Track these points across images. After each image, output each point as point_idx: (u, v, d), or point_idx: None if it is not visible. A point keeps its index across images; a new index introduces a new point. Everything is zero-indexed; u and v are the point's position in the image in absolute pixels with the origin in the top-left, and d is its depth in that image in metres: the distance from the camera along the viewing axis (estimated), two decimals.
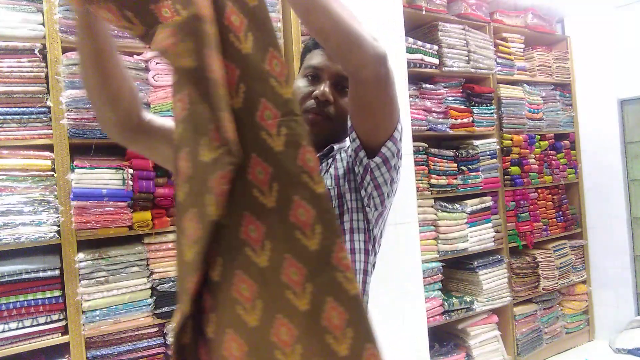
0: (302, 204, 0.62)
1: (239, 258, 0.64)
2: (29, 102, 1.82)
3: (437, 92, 2.88)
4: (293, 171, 0.63)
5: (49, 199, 1.81)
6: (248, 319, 0.62)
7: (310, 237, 0.62)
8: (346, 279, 0.61)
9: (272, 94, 0.63)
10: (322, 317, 0.61)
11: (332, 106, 0.95)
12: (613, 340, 3.46)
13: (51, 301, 1.80)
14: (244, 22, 0.65)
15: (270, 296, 0.62)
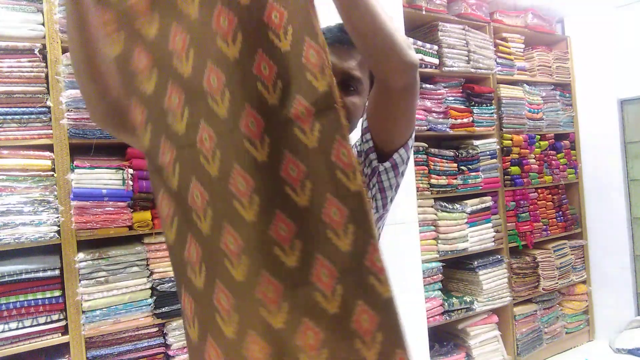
0: (335, 202, 0.60)
1: (267, 258, 0.62)
2: (29, 102, 1.82)
3: (437, 92, 2.88)
4: (326, 168, 0.61)
5: (49, 199, 1.81)
6: (273, 321, 0.60)
7: (342, 238, 0.60)
8: (379, 282, 0.59)
9: (307, 89, 0.62)
10: (352, 321, 0.59)
11: None
12: (613, 340, 3.46)
13: (51, 301, 1.80)
14: (284, 15, 0.64)
15: (298, 298, 0.60)
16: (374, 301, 0.58)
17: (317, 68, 0.62)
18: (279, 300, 0.61)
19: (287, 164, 0.62)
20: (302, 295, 0.61)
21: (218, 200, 0.64)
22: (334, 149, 0.60)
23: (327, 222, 0.60)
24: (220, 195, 0.63)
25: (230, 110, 0.63)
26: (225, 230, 0.63)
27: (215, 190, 0.64)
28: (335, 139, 0.61)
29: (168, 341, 2.00)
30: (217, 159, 0.64)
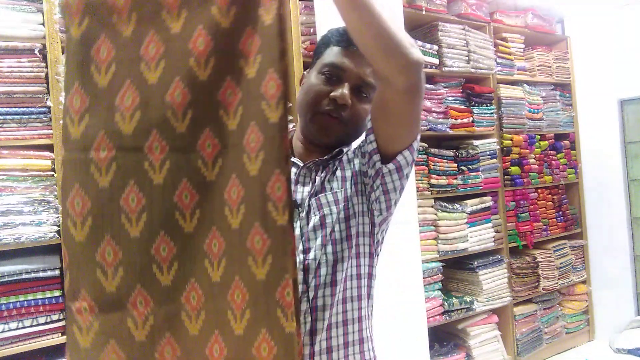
0: (260, 232, 0.63)
1: (196, 267, 0.67)
2: (29, 102, 1.82)
3: (437, 92, 2.88)
4: (259, 195, 0.64)
5: (49, 199, 1.81)
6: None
7: (260, 265, 0.63)
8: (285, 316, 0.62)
9: (261, 118, 0.64)
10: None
11: (348, 110, 0.90)
12: (613, 340, 3.46)
13: (51, 301, 1.80)
14: (257, 44, 0.65)
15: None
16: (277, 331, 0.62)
17: (273, 100, 0.64)
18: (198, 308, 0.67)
19: (232, 187, 0.65)
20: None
21: (156, 207, 0.67)
22: (271, 180, 0.63)
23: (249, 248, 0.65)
24: (161, 204, 0.67)
25: (189, 129, 0.67)
26: (159, 237, 0.67)
27: (156, 198, 0.67)
28: (273, 172, 0.63)
29: None
30: (165, 169, 0.67)
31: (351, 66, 0.89)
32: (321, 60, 0.94)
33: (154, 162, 0.67)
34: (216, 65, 0.66)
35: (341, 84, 0.89)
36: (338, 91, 0.88)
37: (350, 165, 0.97)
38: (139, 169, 0.68)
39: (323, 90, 0.90)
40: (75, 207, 0.69)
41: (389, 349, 2.08)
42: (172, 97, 0.67)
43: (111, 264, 0.67)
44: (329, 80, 0.91)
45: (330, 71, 0.91)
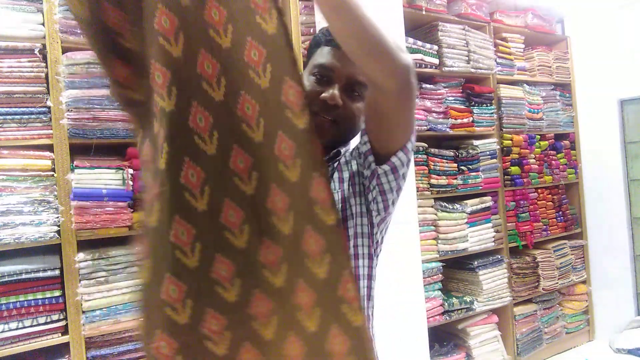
0: (313, 235, 0.66)
1: (256, 278, 0.68)
2: (29, 102, 1.82)
3: (437, 92, 2.88)
4: (305, 200, 0.66)
5: (49, 199, 1.81)
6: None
7: (319, 265, 0.65)
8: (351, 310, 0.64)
9: (288, 126, 0.66)
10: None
11: (341, 110, 0.90)
12: (613, 340, 3.46)
13: (51, 301, 1.80)
14: (263, 53, 0.67)
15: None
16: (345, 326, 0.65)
17: (298, 108, 0.67)
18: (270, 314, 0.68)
19: (273, 196, 0.68)
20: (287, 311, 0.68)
21: (206, 233, 0.69)
22: (313, 184, 0.67)
23: (305, 251, 0.67)
24: (208, 227, 0.69)
25: (219, 150, 0.70)
26: (215, 259, 0.69)
27: (203, 223, 0.69)
28: (312, 175, 0.67)
29: None
30: (206, 194, 0.69)
31: (340, 66, 0.89)
32: (312, 61, 0.95)
33: (195, 191, 0.68)
34: (228, 83, 0.69)
35: (331, 85, 0.90)
36: (328, 92, 0.88)
37: (348, 167, 0.97)
38: (182, 201, 0.69)
39: (314, 91, 0.90)
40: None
41: (389, 349, 2.08)
42: (195, 123, 0.69)
43: (178, 299, 0.69)
44: (319, 82, 0.91)
45: (320, 72, 0.91)
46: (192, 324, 0.68)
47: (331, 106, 0.89)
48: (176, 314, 0.68)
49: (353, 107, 0.91)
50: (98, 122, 1.88)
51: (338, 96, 0.88)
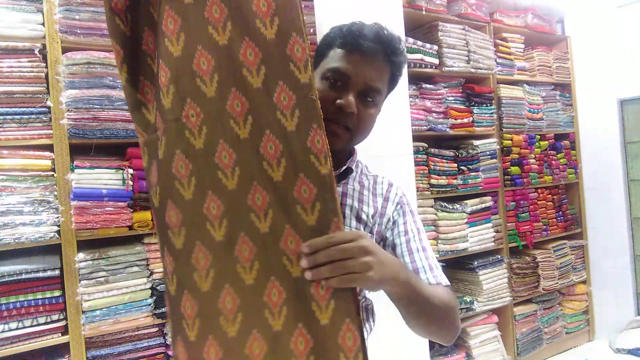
0: (306, 182, 0.69)
1: (243, 222, 0.70)
2: (29, 102, 1.82)
3: (437, 92, 2.88)
4: (302, 151, 0.70)
5: (49, 199, 1.81)
6: (245, 277, 0.69)
7: (309, 213, 0.70)
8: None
9: (290, 78, 0.69)
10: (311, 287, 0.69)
11: (354, 117, 0.88)
12: (613, 340, 3.46)
13: (51, 301, 1.80)
14: (271, 6, 0.70)
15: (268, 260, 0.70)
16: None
17: (301, 62, 0.70)
18: (252, 259, 0.70)
19: (267, 142, 0.70)
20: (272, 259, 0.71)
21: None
22: (310, 135, 0.70)
23: (297, 197, 0.70)
24: (205, 166, 0.70)
25: (218, 91, 0.70)
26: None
27: (199, 162, 0.70)
28: (312, 126, 0.70)
29: (168, 341, 2.00)
30: (203, 133, 0.70)
31: (356, 72, 0.87)
32: (325, 63, 0.92)
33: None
34: (233, 29, 0.71)
35: (346, 91, 0.87)
36: (343, 99, 0.86)
37: (376, 201, 0.98)
38: (181, 137, 0.70)
39: (328, 97, 0.87)
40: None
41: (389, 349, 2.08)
42: (198, 66, 0.70)
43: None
44: (333, 86, 0.88)
45: (334, 77, 0.88)
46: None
47: (346, 113, 0.86)
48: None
49: (366, 114, 0.89)
50: (98, 122, 1.88)
51: (354, 103, 0.86)
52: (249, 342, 0.67)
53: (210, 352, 0.67)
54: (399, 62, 0.92)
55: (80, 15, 1.88)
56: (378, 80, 0.89)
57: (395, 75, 0.95)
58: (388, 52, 0.89)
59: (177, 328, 0.69)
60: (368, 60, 0.87)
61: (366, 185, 0.99)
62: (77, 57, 1.85)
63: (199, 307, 0.68)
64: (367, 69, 0.88)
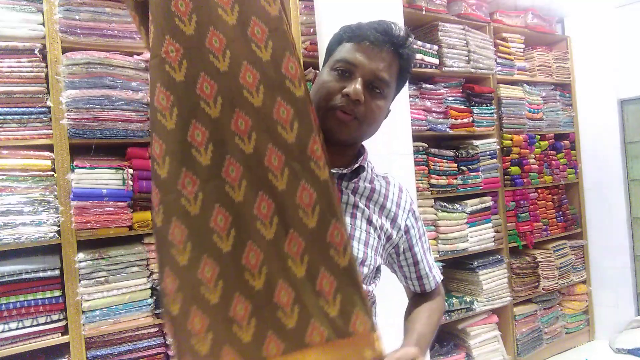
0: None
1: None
2: (29, 102, 1.82)
3: (437, 92, 2.88)
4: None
5: (49, 199, 1.81)
6: (255, 284, 0.71)
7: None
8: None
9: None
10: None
11: (362, 106, 0.87)
12: (613, 340, 3.46)
13: (51, 301, 1.80)
14: (265, 31, 0.74)
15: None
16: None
17: (296, 78, 0.74)
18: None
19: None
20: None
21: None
22: (311, 142, 0.73)
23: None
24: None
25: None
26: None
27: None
28: (311, 136, 0.73)
29: (168, 341, 2.00)
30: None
31: (364, 61, 0.87)
32: (334, 56, 0.92)
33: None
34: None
35: (354, 80, 0.87)
36: (351, 87, 0.85)
37: (389, 204, 1.00)
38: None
39: (335, 86, 0.87)
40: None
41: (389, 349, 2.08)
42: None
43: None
44: (341, 76, 0.88)
45: (342, 67, 0.88)
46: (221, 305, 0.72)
47: (353, 101, 0.85)
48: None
49: (373, 105, 0.88)
50: (98, 122, 1.88)
51: (361, 91, 0.85)
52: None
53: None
54: (407, 56, 0.92)
55: (80, 15, 1.88)
56: (386, 71, 0.89)
57: (404, 69, 0.94)
58: (396, 44, 0.89)
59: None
60: (376, 50, 0.87)
61: (377, 188, 0.99)
62: (77, 57, 1.85)
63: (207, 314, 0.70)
64: (375, 59, 0.87)
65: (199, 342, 0.68)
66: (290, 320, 0.69)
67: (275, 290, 0.70)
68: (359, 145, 0.99)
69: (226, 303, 0.69)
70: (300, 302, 0.69)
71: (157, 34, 0.74)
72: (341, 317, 0.69)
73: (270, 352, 0.68)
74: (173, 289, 0.69)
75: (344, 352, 0.69)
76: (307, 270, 0.70)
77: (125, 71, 1.94)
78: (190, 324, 0.68)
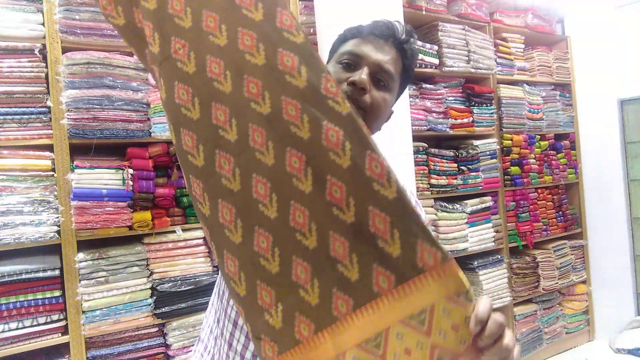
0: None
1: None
2: (29, 102, 1.82)
3: (437, 92, 2.88)
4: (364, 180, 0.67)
5: (49, 199, 1.81)
6: (308, 242, 0.68)
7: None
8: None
9: (332, 114, 0.68)
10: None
11: (368, 96, 0.88)
12: (613, 340, 3.46)
13: (51, 301, 1.80)
14: (294, 60, 0.70)
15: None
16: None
17: (338, 96, 0.69)
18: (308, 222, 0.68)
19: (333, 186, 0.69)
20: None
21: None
22: (367, 162, 0.66)
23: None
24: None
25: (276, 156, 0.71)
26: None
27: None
28: (365, 156, 0.67)
29: (168, 341, 2.00)
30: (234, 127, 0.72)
31: (370, 52, 0.89)
32: (338, 52, 0.94)
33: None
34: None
35: (360, 69, 0.89)
36: (356, 75, 0.87)
37: None
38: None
39: (341, 77, 0.89)
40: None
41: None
42: (249, 91, 0.72)
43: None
44: (347, 68, 0.90)
45: (348, 59, 0.91)
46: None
47: (359, 90, 0.87)
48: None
49: (378, 96, 0.89)
50: (98, 122, 1.88)
51: (367, 80, 0.87)
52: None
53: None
54: (410, 52, 0.94)
55: (80, 15, 1.88)
56: (390, 63, 0.90)
57: (408, 67, 0.95)
58: (399, 39, 0.92)
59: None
60: (380, 42, 0.90)
61: None
62: (77, 57, 1.85)
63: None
64: (380, 51, 0.90)
65: (272, 316, 0.67)
66: (353, 272, 0.65)
67: (329, 243, 0.66)
68: None
69: (287, 269, 0.67)
70: (356, 250, 0.65)
71: (162, 39, 0.75)
72: (405, 254, 0.63)
73: (341, 310, 0.64)
74: (235, 270, 0.69)
75: (423, 294, 0.63)
76: (356, 213, 0.65)
77: (125, 71, 1.94)
78: (260, 299, 0.67)
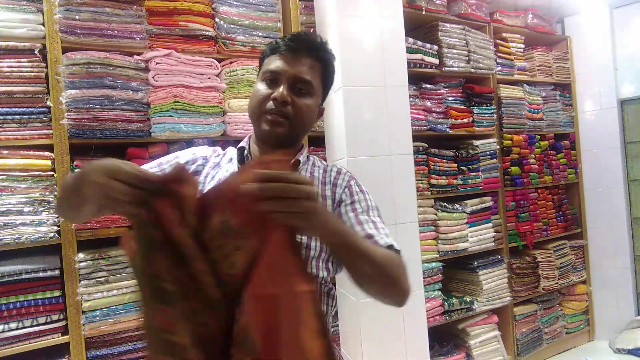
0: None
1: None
2: (29, 102, 1.82)
3: (437, 92, 2.88)
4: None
5: (49, 199, 1.81)
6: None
7: None
8: None
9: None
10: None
11: (289, 107, 0.99)
12: (613, 340, 3.46)
13: (51, 301, 1.80)
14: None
15: None
16: None
17: None
18: None
19: None
20: None
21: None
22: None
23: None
24: None
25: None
26: None
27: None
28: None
29: None
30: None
31: (285, 68, 1.00)
32: (262, 69, 1.06)
33: None
34: None
35: (279, 85, 1.00)
36: (277, 92, 0.99)
37: (326, 188, 1.06)
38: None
39: (265, 93, 1.00)
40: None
41: (389, 349, 2.08)
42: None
43: None
44: (269, 85, 1.01)
45: (269, 77, 1.02)
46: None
47: (281, 103, 0.98)
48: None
49: (300, 103, 1.00)
50: (98, 122, 1.88)
51: (286, 94, 0.98)
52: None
53: None
54: (325, 57, 1.04)
55: (80, 15, 1.88)
56: (306, 73, 1.01)
57: (327, 69, 1.06)
58: (311, 48, 1.02)
59: None
60: (293, 56, 1.01)
61: (316, 176, 1.08)
62: (77, 57, 1.85)
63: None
64: (293, 63, 1.00)
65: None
66: None
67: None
68: (299, 144, 1.10)
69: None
70: None
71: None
72: None
73: None
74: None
75: None
76: None
77: (125, 71, 1.94)
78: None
